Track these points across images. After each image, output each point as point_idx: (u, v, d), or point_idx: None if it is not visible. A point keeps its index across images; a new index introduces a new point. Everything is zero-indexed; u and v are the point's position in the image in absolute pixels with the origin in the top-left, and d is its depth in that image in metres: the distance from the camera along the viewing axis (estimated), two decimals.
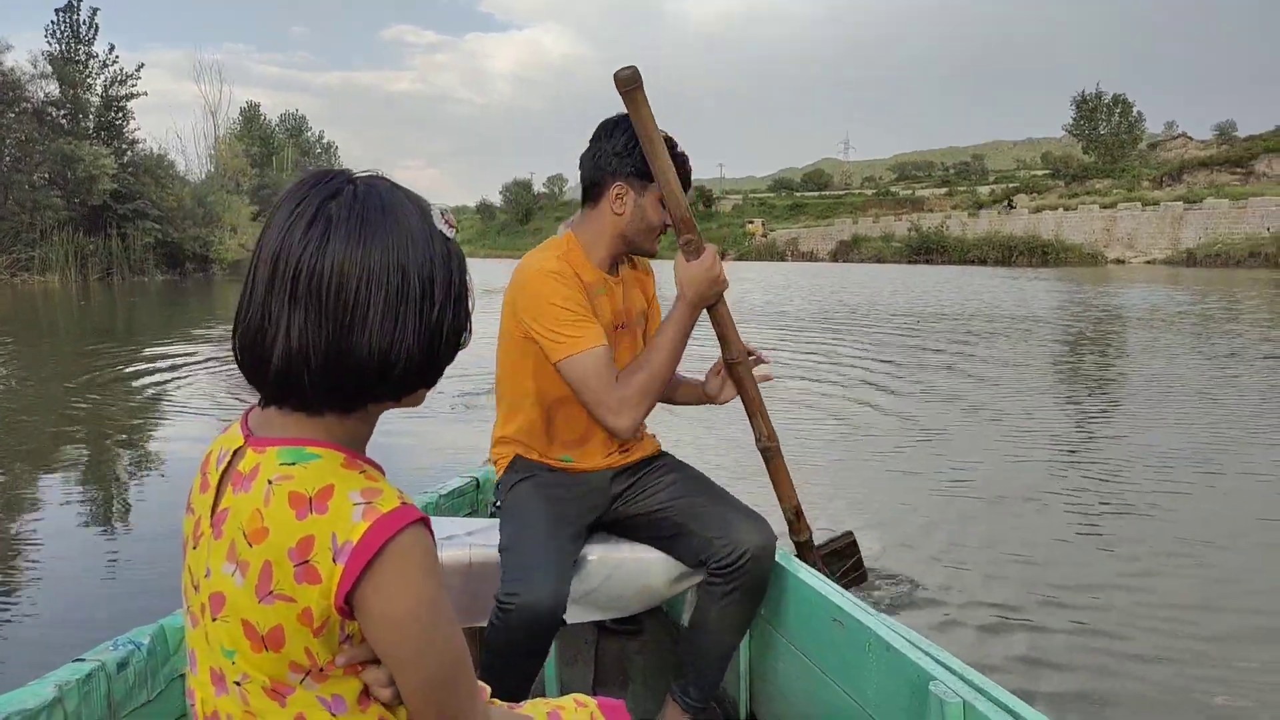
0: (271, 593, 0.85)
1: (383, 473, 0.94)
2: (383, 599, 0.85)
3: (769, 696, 2.13)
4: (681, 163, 1.95)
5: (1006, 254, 48.03)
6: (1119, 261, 45.46)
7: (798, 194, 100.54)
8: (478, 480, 2.78)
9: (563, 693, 2.09)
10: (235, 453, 0.93)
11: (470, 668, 0.94)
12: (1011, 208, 48.51)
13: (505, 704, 1.13)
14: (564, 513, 1.94)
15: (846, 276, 35.47)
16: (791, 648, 1.99)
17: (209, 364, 10.60)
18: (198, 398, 8.24)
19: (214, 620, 0.89)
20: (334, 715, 0.90)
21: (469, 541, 2.05)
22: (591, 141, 1.99)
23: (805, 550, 2.56)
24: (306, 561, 0.84)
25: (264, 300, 0.88)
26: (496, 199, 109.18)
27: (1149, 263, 44.22)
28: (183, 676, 1.52)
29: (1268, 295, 21.05)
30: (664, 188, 1.91)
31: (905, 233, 56.73)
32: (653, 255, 2.08)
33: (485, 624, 1.79)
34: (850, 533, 2.99)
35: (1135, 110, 67.19)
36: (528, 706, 1.15)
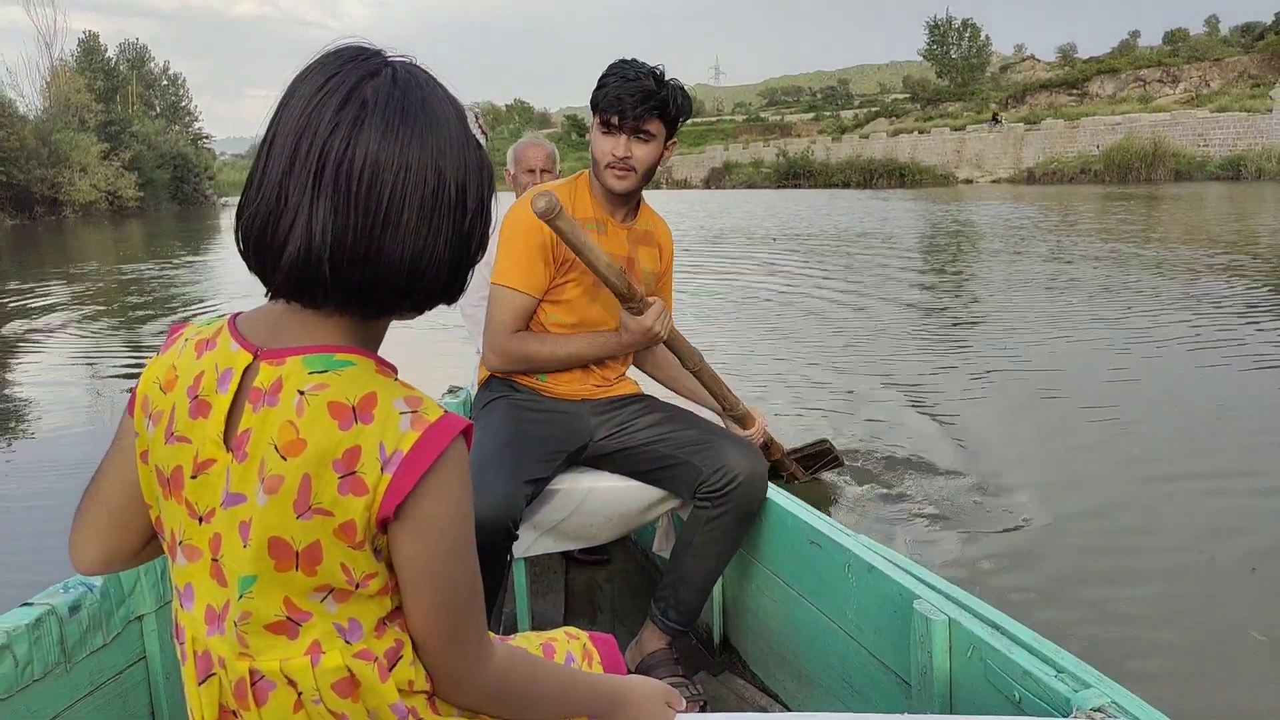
0: (311, 508, 0.80)
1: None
2: (426, 511, 0.81)
3: (744, 621, 2.13)
4: (615, 88, 1.92)
5: (868, 177, 49.32)
6: (968, 181, 47.47)
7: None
8: None
9: (534, 626, 2.14)
10: (246, 370, 0.84)
11: (482, 594, 0.90)
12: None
13: (497, 636, 1.09)
14: (531, 431, 1.92)
15: (724, 201, 35.86)
16: (767, 571, 1.98)
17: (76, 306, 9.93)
18: (69, 340, 7.78)
19: (244, 547, 0.82)
20: (348, 643, 0.85)
21: None
22: None
23: (777, 459, 2.78)
24: (353, 473, 0.79)
25: (281, 180, 0.78)
26: None
27: (995, 181, 46.34)
28: (140, 618, 1.46)
29: (1095, 208, 22.60)
30: (596, 273, 1.86)
31: (774, 158, 57.40)
32: (614, 189, 1.98)
33: None
34: (826, 440, 3.29)
35: (983, 34, 69.44)
36: (519, 639, 1.13)
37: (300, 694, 0.85)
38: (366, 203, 0.78)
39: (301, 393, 0.81)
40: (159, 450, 0.87)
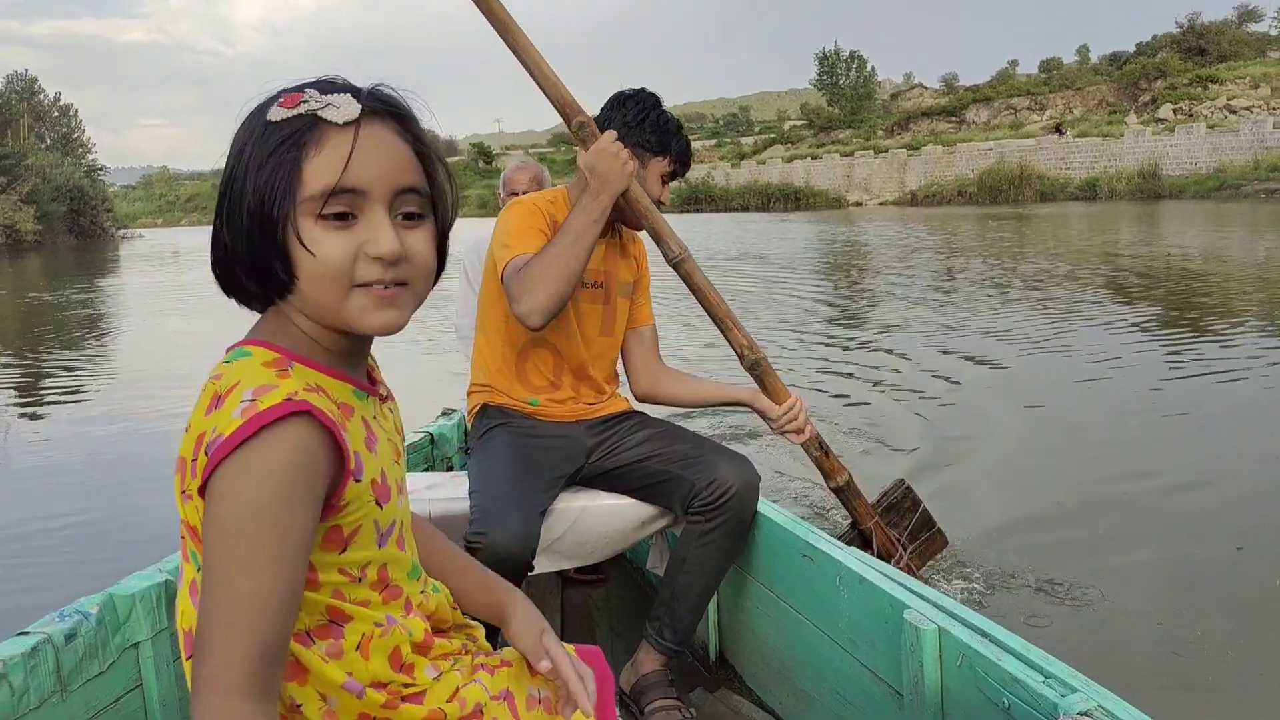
0: (184, 491, 0.80)
1: (368, 388, 0.87)
2: (218, 488, 0.76)
3: (739, 637, 2.09)
4: (686, 147, 2.04)
5: (765, 200, 50.63)
6: (858, 204, 49.23)
7: (576, 148, 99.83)
8: (432, 435, 2.63)
9: None
10: None
11: (257, 619, 0.75)
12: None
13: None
14: (535, 459, 1.89)
15: None
16: (761, 586, 1.95)
17: None
18: None
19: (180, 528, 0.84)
20: None
21: (429, 496, 1.97)
22: (603, 109, 2.03)
23: (849, 498, 2.23)
24: (196, 458, 0.78)
25: None
26: None
27: (882, 204, 48.21)
28: (136, 646, 1.43)
29: (975, 229, 23.83)
30: (531, 69, 1.87)
31: (677, 184, 57.99)
32: (639, 229, 2.09)
33: None
34: (903, 481, 2.49)
35: (869, 65, 72.07)
36: (505, 653, 1.11)
37: None
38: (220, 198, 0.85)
39: (210, 381, 0.83)
40: None
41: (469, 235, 3.22)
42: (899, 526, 2.38)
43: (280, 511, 0.76)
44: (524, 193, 3.13)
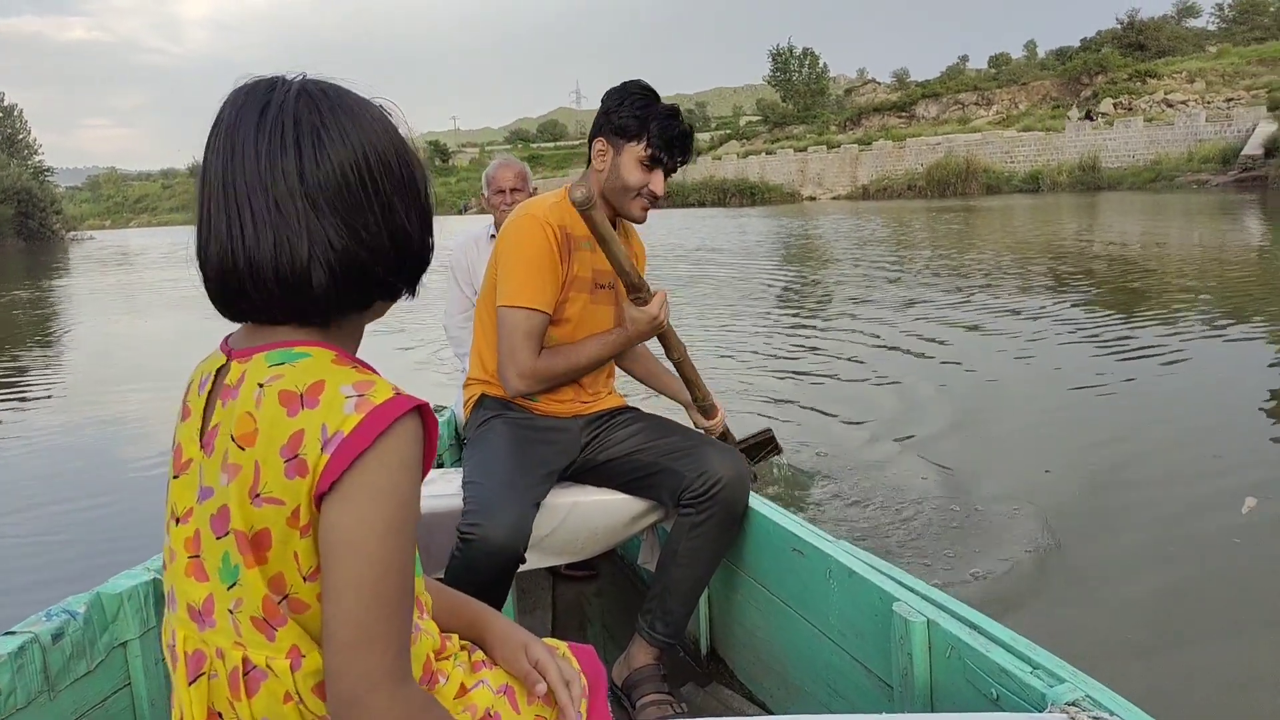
0: (259, 495, 0.79)
1: (377, 374, 0.86)
2: (360, 483, 0.77)
3: (730, 631, 2.10)
4: (668, 129, 1.97)
5: (721, 196, 50.79)
6: (812, 198, 49.67)
7: (534, 145, 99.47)
8: None
9: None
10: (219, 371, 0.86)
11: (409, 605, 0.81)
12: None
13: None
14: (531, 453, 1.90)
15: None
16: (751, 580, 1.95)
17: None
18: None
19: (217, 540, 0.81)
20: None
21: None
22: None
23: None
24: (296, 456, 0.78)
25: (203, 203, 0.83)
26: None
27: (835, 198, 48.71)
28: (124, 645, 1.41)
29: (925, 221, 24.27)
30: (612, 262, 1.90)
31: None
32: (637, 220, 2.05)
33: (439, 576, 1.71)
34: (767, 429, 2.96)
35: (822, 62, 72.59)
36: None
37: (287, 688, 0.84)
38: (228, 203, 0.80)
39: (260, 385, 0.81)
40: (169, 469, 0.90)
41: (454, 235, 3.20)
42: (753, 455, 2.80)
43: (416, 503, 0.80)
44: (510, 190, 3.10)
